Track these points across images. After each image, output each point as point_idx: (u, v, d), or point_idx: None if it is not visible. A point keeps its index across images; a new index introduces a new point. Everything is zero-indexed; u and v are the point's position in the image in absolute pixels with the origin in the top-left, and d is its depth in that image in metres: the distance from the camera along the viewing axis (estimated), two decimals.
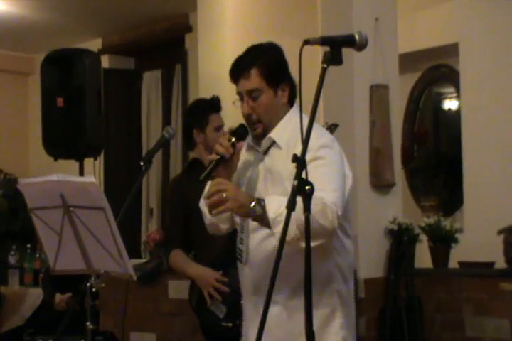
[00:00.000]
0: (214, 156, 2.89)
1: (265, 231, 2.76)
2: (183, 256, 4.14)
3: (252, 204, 2.65)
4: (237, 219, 3.01)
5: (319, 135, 2.83)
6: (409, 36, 6.42)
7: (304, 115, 2.53)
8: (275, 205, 2.62)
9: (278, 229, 2.57)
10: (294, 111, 2.96)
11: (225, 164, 2.90)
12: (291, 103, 3.01)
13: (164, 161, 8.36)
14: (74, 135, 5.29)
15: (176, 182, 4.39)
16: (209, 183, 2.94)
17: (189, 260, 4.14)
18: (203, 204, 3.04)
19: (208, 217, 3.05)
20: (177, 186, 4.25)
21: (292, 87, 2.98)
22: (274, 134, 2.94)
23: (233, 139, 2.90)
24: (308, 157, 2.46)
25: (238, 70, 2.95)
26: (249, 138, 3.03)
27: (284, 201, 2.40)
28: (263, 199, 2.69)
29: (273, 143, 2.95)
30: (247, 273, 2.97)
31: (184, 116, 5.00)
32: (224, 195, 2.65)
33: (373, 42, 5.34)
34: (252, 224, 2.85)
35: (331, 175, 2.77)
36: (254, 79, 2.91)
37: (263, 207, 2.65)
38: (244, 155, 3.05)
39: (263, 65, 2.92)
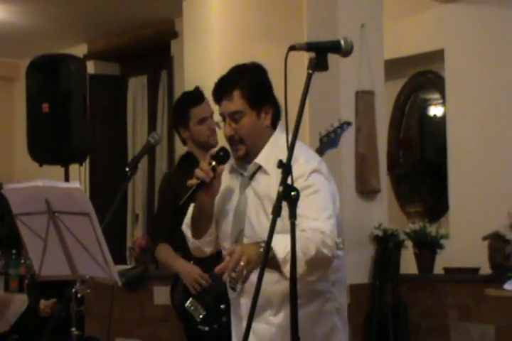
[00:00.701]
0: (194, 181, 2.84)
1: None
2: (169, 251, 4.13)
3: (261, 250, 2.57)
4: (226, 246, 2.97)
5: (308, 159, 2.82)
6: (394, 42, 6.44)
7: (284, 133, 2.64)
8: (281, 245, 2.55)
9: (288, 268, 2.51)
10: (278, 134, 2.93)
11: (206, 188, 2.85)
12: (274, 125, 2.96)
13: (150, 167, 8.35)
14: (59, 140, 5.27)
15: (168, 176, 4.39)
16: (191, 206, 2.95)
17: (176, 255, 4.13)
18: (186, 228, 3.05)
19: (191, 241, 3.04)
20: (169, 180, 4.25)
21: (276, 109, 2.94)
22: (260, 160, 2.90)
23: (213, 163, 2.84)
24: (299, 184, 2.48)
25: (221, 91, 2.90)
26: (232, 160, 2.98)
27: (287, 239, 2.38)
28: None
29: (259, 168, 2.91)
30: (242, 302, 2.92)
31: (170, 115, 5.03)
32: (241, 263, 2.54)
33: (359, 48, 5.35)
34: None
35: (323, 202, 2.75)
36: (236, 101, 2.87)
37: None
38: (227, 178, 2.98)
39: (246, 86, 2.87)
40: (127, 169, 3.36)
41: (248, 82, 2.89)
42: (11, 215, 2.94)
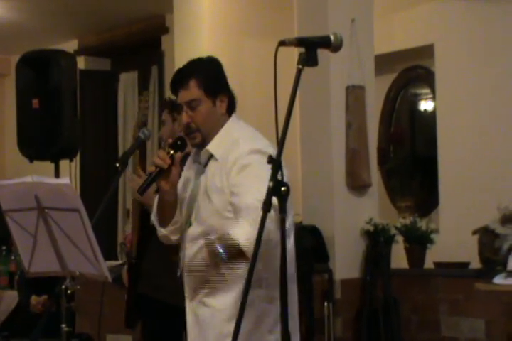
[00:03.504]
0: (152, 168, 2.97)
1: (201, 242, 2.91)
2: None
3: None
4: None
5: (247, 140, 2.95)
6: (385, 37, 6.44)
7: (242, 122, 2.94)
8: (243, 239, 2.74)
9: None
10: (231, 122, 3.05)
11: (165, 176, 2.95)
12: (229, 113, 3.08)
13: (141, 162, 8.32)
14: (49, 136, 5.25)
15: None
16: (157, 196, 3.06)
17: None
18: (154, 217, 3.14)
19: (158, 230, 3.14)
20: None
21: (231, 99, 3.07)
22: (211, 147, 3.02)
23: (171, 151, 2.96)
24: (238, 165, 2.69)
25: (178, 81, 3.04)
26: (193, 151, 3.12)
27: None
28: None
29: (211, 156, 3.02)
30: (185, 279, 3.05)
31: None
32: None
33: (349, 43, 5.36)
34: (190, 234, 2.97)
35: (253, 176, 2.82)
36: (192, 90, 3.00)
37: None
38: (189, 168, 3.13)
39: (201, 76, 3.00)
40: (117, 165, 3.36)
41: (203, 72, 3.03)
42: (1, 211, 2.93)
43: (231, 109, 3.08)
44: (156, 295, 4.05)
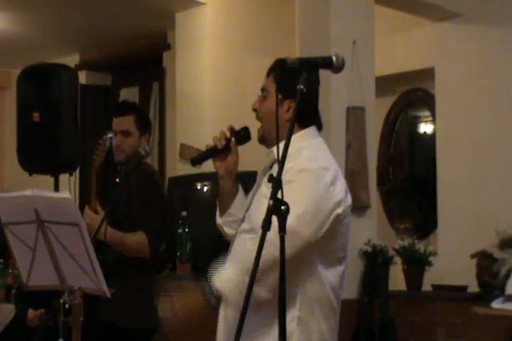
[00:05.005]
0: (208, 144, 2.93)
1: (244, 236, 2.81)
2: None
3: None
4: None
5: (311, 158, 2.77)
6: (386, 59, 6.46)
7: (320, 138, 2.84)
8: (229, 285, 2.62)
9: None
10: (306, 134, 2.90)
11: (220, 158, 2.90)
12: (299, 124, 2.87)
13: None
14: (49, 150, 5.25)
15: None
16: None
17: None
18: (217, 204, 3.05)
19: (217, 218, 3.05)
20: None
21: (301, 113, 2.74)
22: (275, 151, 2.77)
23: (228, 135, 2.90)
24: (284, 177, 2.39)
25: (270, 69, 2.93)
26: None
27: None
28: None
29: (275, 160, 2.82)
30: (229, 312, 2.86)
31: None
32: None
33: (350, 64, 5.37)
34: (239, 229, 2.86)
35: (292, 197, 2.52)
36: (269, 80, 2.90)
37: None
38: (261, 176, 2.97)
39: (279, 72, 2.86)
40: (118, 180, 3.35)
41: (281, 70, 2.83)
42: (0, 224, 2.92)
43: (301, 121, 2.86)
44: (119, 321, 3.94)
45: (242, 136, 2.93)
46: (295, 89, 2.55)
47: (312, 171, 2.75)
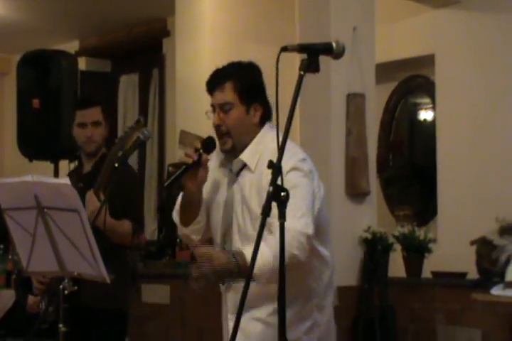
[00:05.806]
0: (175, 163, 2.95)
1: None
2: None
3: (233, 260, 2.66)
4: (216, 237, 3.03)
5: (289, 156, 2.79)
6: (386, 46, 6.44)
7: (273, 128, 2.69)
8: (259, 261, 2.52)
9: (261, 279, 2.66)
10: (265, 132, 2.97)
11: (192, 175, 2.89)
12: (262, 125, 2.99)
13: (140, 163, 8.32)
14: (49, 136, 5.26)
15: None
16: (181, 194, 2.99)
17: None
18: (175, 215, 3.07)
19: (179, 228, 3.08)
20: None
21: (267, 110, 2.97)
22: (245, 157, 2.94)
23: (200, 148, 2.90)
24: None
25: (214, 82, 2.97)
26: (221, 155, 3.03)
27: (264, 253, 2.54)
28: (240, 252, 2.69)
29: (244, 165, 2.95)
30: (231, 295, 2.96)
31: None
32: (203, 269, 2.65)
33: (350, 51, 5.35)
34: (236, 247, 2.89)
35: (298, 201, 2.72)
36: (228, 93, 2.93)
37: (241, 264, 2.65)
38: (216, 171, 3.03)
39: (239, 80, 2.94)
40: (116, 165, 3.36)
41: (241, 77, 2.96)
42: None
43: (265, 120, 2.98)
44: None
45: (208, 143, 2.93)
46: (255, 94, 2.90)
47: (298, 167, 2.85)
